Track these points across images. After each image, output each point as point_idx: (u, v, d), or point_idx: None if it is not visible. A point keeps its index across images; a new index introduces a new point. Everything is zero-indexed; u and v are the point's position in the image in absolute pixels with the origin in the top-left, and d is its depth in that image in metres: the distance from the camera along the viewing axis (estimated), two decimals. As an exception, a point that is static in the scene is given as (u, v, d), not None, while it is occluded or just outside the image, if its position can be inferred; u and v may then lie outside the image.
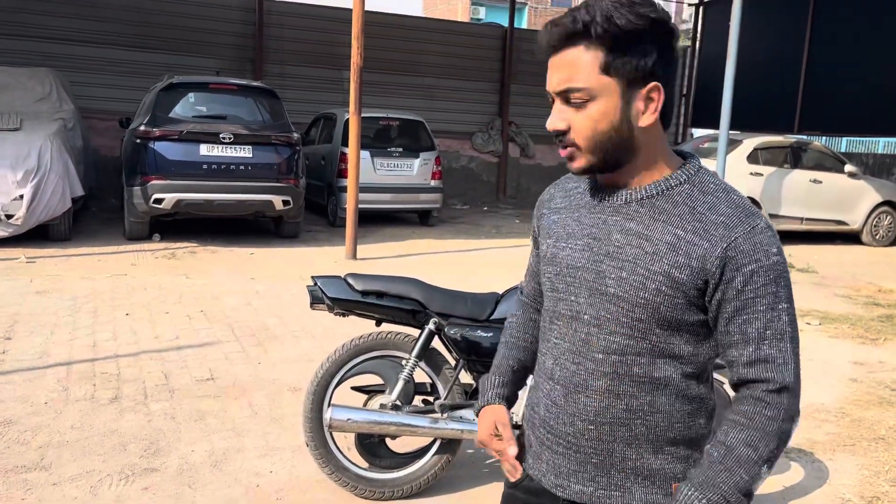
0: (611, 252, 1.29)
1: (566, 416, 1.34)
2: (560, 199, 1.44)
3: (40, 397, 3.94)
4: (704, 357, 1.30)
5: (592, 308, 1.30)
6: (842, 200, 11.34)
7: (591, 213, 1.34)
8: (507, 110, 15.44)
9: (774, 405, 1.23)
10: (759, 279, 1.22)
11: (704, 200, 1.27)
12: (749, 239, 1.22)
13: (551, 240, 1.40)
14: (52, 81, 9.31)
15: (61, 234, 8.10)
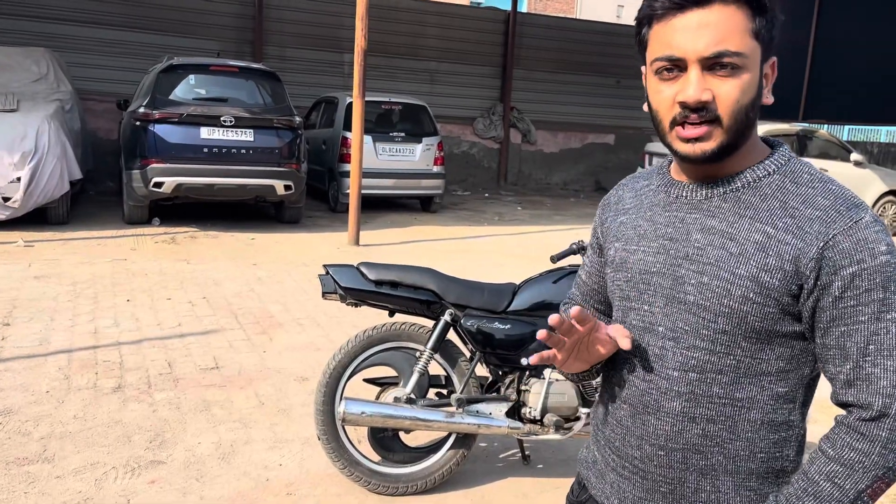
0: (690, 254, 1.14)
1: (633, 438, 1.20)
2: (630, 199, 1.29)
3: (41, 386, 3.85)
4: (798, 375, 1.13)
5: (668, 318, 1.15)
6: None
7: (666, 212, 1.19)
8: (510, 96, 15.30)
9: (870, 437, 1.03)
10: (862, 283, 1.03)
11: (798, 192, 1.10)
12: (850, 235, 1.04)
13: (620, 243, 1.25)
14: (50, 62, 9.14)
15: (59, 218, 7.98)
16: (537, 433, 2.99)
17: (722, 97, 1.07)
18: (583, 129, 16.28)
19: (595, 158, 16.41)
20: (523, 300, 3.00)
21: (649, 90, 1.15)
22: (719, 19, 1.06)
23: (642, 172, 1.34)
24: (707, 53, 1.06)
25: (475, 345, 2.96)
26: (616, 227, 1.29)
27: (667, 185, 1.22)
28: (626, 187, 1.33)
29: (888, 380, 1.03)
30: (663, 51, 1.09)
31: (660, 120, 1.13)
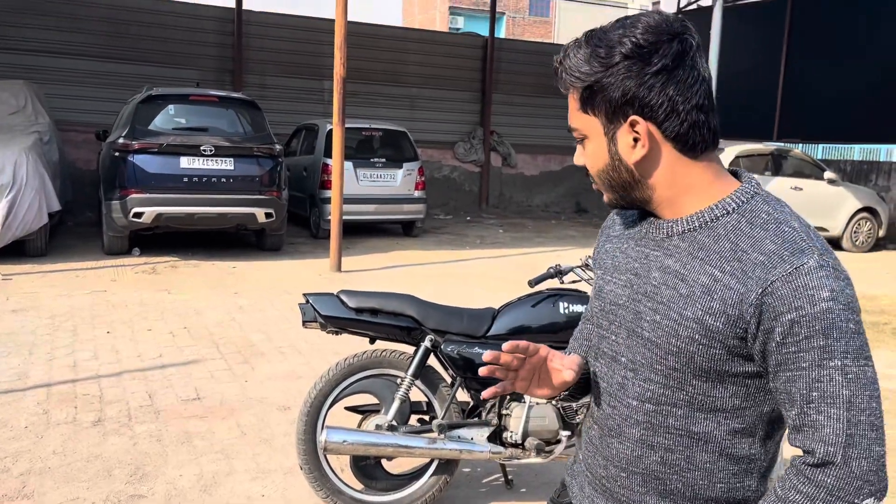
0: (648, 291, 1.18)
1: (601, 458, 1.26)
2: (618, 226, 1.33)
3: (20, 421, 3.81)
4: (757, 412, 1.13)
5: (629, 351, 1.20)
6: (822, 207, 11.44)
7: (637, 246, 1.24)
8: (489, 120, 15.45)
9: (815, 482, 1.03)
10: (801, 330, 1.02)
11: (750, 234, 1.10)
12: (790, 282, 1.03)
13: (601, 271, 1.31)
14: (28, 94, 9.13)
15: (38, 250, 7.92)
16: (519, 457, 3.00)
17: (586, 163, 1.24)
18: (562, 152, 16.44)
19: (575, 180, 16.55)
20: (503, 324, 3.03)
21: None
22: (570, 104, 1.21)
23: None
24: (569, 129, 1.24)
25: (455, 370, 2.98)
26: (602, 253, 1.34)
27: (640, 219, 1.27)
28: (621, 213, 1.35)
29: (831, 427, 1.02)
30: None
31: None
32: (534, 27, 38.55)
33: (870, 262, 10.81)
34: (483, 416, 3.06)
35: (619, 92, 1.11)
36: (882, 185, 13.99)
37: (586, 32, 1.17)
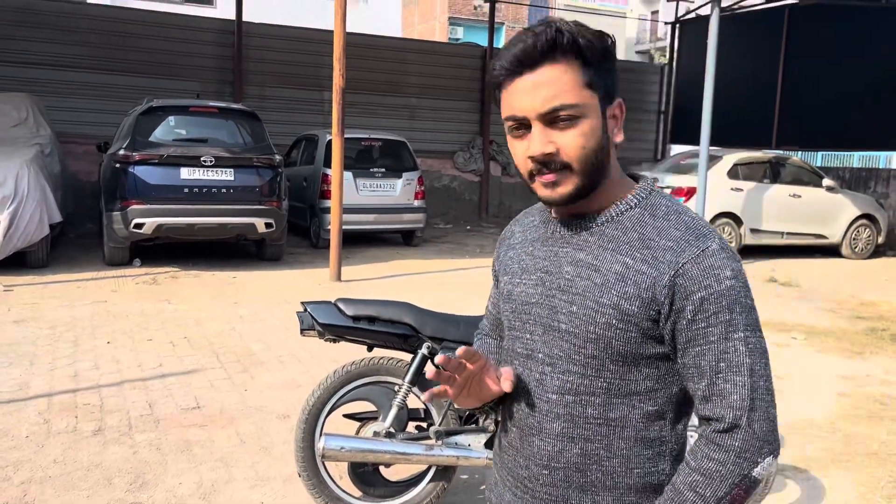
0: (562, 286, 1.23)
1: (522, 458, 1.28)
2: (518, 234, 1.39)
3: (21, 431, 3.83)
4: (667, 394, 1.21)
5: (546, 346, 1.24)
6: (821, 214, 11.47)
7: (544, 246, 1.29)
8: (488, 129, 15.50)
9: (724, 446, 1.12)
10: (710, 306, 1.13)
11: (654, 225, 1.20)
12: (698, 263, 1.14)
13: (507, 276, 1.35)
14: (29, 107, 9.20)
15: (39, 261, 7.96)
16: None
17: (565, 146, 1.17)
18: (562, 161, 16.48)
19: (574, 189, 16.60)
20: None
21: (510, 145, 1.24)
22: (551, 78, 1.15)
23: (531, 209, 1.42)
24: (543, 110, 1.15)
25: (452, 377, 3.00)
26: (506, 260, 1.37)
27: (545, 221, 1.32)
28: (518, 223, 1.42)
29: (738, 394, 1.12)
30: (508, 112, 1.19)
31: (521, 173, 1.23)
32: (533, 37, 38.70)
33: (869, 269, 10.83)
34: (480, 422, 3.08)
35: (615, 74, 1.21)
36: (881, 192, 14.02)
37: (561, 19, 1.19)
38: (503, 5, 28.61)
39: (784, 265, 10.47)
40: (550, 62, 1.15)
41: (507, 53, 1.18)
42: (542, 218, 1.34)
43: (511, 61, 1.17)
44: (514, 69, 1.17)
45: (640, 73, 18.04)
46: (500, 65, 1.19)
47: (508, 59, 1.17)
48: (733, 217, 10.87)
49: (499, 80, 1.20)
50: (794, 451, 4.03)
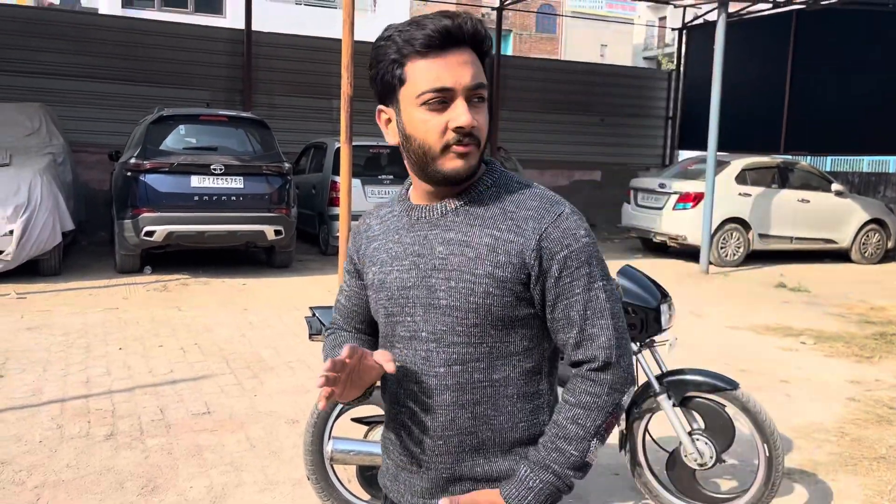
0: (437, 265, 1.31)
1: (415, 437, 1.36)
2: (377, 226, 1.44)
3: (34, 436, 3.88)
4: (541, 350, 1.35)
5: (429, 324, 1.32)
6: (830, 219, 11.43)
7: (411, 233, 1.36)
8: (497, 136, 15.54)
9: (599, 381, 1.29)
10: (572, 263, 1.28)
11: (511, 199, 1.32)
12: (557, 227, 1.28)
13: (376, 267, 1.40)
14: (42, 116, 9.31)
15: (52, 269, 8.05)
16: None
17: (480, 125, 1.27)
18: (570, 167, 16.52)
19: (583, 195, 16.61)
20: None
21: (412, 122, 1.27)
22: (472, 59, 1.26)
23: (383, 204, 1.49)
24: (471, 84, 1.24)
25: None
26: (370, 252, 1.42)
27: (408, 209, 1.38)
28: (372, 216, 1.48)
29: (606, 336, 1.30)
30: (434, 83, 1.23)
31: (429, 146, 1.26)
32: (541, 44, 38.79)
33: (879, 274, 10.79)
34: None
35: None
36: (891, 197, 13.98)
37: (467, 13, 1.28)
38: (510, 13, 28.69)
39: (793, 270, 10.44)
40: (468, 46, 1.25)
41: (428, 28, 1.22)
42: (402, 207, 1.40)
43: (438, 36, 1.22)
44: (440, 45, 1.23)
45: (648, 79, 18.05)
46: (424, 35, 1.22)
47: (435, 32, 1.22)
48: (741, 222, 10.85)
49: (417, 50, 1.23)
50: (802, 455, 4.03)
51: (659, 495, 3.24)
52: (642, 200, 11.51)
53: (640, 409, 3.20)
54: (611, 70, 17.76)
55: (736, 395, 3.11)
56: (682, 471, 3.20)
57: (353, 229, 1.50)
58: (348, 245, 1.51)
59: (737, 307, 7.88)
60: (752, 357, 5.93)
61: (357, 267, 1.47)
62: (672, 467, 3.23)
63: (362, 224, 1.50)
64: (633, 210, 11.72)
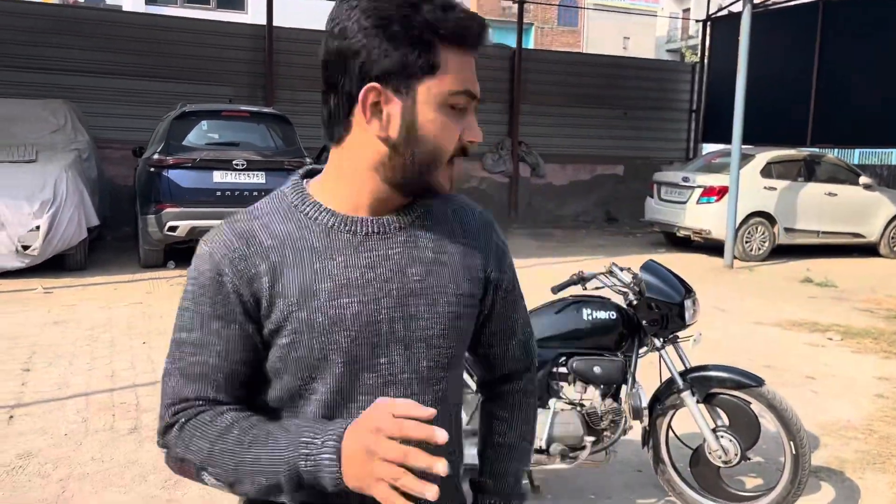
0: (414, 289, 1.08)
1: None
2: (288, 249, 1.06)
3: (60, 429, 3.93)
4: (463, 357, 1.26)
5: (411, 363, 1.09)
6: (858, 213, 11.24)
7: (362, 253, 1.07)
8: (517, 130, 15.48)
9: (533, 392, 1.32)
10: (512, 273, 1.25)
11: (455, 210, 1.18)
12: (498, 237, 1.24)
13: (316, 301, 1.04)
14: (67, 113, 9.41)
15: (77, 264, 8.15)
16: (544, 463, 3.03)
17: None
18: (592, 161, 16.40)
19: (605, 189, 16.50)
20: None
21: (431, 121, 1.03)
22: (472, 66, 1.10)
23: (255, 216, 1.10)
24: (479, 96, 1.10)
25: (480, 377, 3.01)
26: (290, 283, 1.04)
27: (343, 223, 1.08)
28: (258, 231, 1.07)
29: (531, 342, 1.32)
30: (464, 85, 1.05)
31: (440, 155, 1.05)
32: (562, 37, 38.56)
33: (908, 268, 10.59)
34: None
35: None
36: (920, 190, 13.70)
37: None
38: (532, 6, 28.52)
39: (819, 265, 10.28)
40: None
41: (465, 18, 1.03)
42: (329, 221, 1.07)
43: (475, 32, 1.04)
44: (474, 43, 1.06)
45: (671, 71, 17.86)
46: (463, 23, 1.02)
47: (473, 24, 1.04)
48: (767, 216, 10.71)
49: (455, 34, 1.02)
50: (829, 453, 3.97)
51: (682, 493, 3.21)
52: (665, 194, 11.40)
53: (663, 405, 3.17)
54: (633, 63, 17.58)
55: (761, 391, 3.06)
56: (706, 468, 3.16)
57: (218, 247, 1.06)
58: (196, 277, 1.07)
59: (762, 302, 7.78)
60: (777, 353, 5.84)
61: (246, 306, 1.05)
62: (696, 464, 3.19)
63: (235, 242, 1.06)
64: (656, 204, 11.61)
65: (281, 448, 0.99)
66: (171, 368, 1.10)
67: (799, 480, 3.04)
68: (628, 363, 3.07)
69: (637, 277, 3.12)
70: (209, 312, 1.06)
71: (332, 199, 1.09)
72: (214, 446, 1.03)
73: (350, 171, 1.07)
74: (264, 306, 1.05)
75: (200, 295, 1.07)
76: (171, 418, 1.07)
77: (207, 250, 1.07)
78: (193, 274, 1.08)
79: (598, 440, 3.04)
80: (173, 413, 1.07)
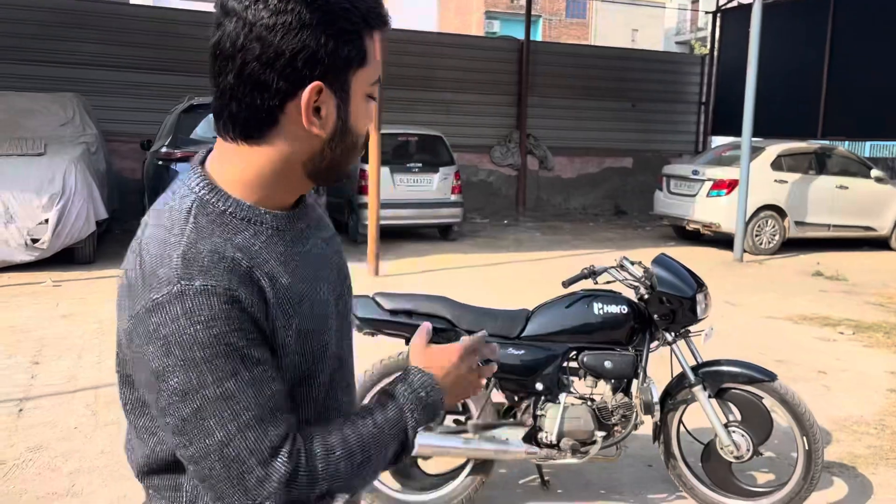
0: (347, 282, 1.17)
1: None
2: (261, 258, 0.98)
3: (70, 422, 3.94)
4: None
5: (350, 347, 1.18)
6: (869, 206, 11.15)
7: (306, 252, 1.06)
8: (525, 123, 15.43)
9: None
10: None
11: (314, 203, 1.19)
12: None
13: (306, 305, 1.01)
14: (76, 106, 9.42)
15: (86, 257, 8.16)
16: (554, 457, 3.01)
17: None
18: (600, 154, 16.34)
19: (613, 182, 16.44)
20: (536, 326, 3.04)
21: (359, 114, 1.01)
22: (377, 49, 1.02)
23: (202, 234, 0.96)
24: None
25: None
26: (286, 294, 0.99)
27: (284, 222, 1.04)
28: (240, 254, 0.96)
29: None
30: (379, 73, 1.02)
31: (359, 148, 1.05)
32: (571, 29, 38.40)
33: (920, 262, 10.51)
34: (518, 416, 3.08)
35: None
36: (932, 183, 13.58)
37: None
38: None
39: (830, 258, 10.21)
40: None
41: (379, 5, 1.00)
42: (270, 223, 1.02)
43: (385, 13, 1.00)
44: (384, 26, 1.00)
45: (681, 64, 17.76)
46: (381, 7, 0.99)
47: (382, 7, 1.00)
48: (777, 209, 10.63)
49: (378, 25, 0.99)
50: (841, 449, 3.93)
51: (693, 488, 3.18)
52: (675, 188, 11.34)
53: (674, 400, 3.14)
54: (642, 55, 17.48)
55: (774, 386, 3.03)
56: (717, 463, 3.14)
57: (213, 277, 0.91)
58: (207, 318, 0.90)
59: (772, 296, 7.73)
60: (788, 347, 5.80)
61: (276, 323, 0.97)
62: (707, 460, 3.17)
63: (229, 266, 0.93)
64: (665, 197, 11.55)
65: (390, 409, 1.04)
66: (239, 427, 0.91)
67: (812, 476, 3.01)
68: (639, 358, 3.05)
69: (648, 271, 3.09)
70: (246, 344, 0.92)
71: (258, 199, 1.01)
72: (349, 459, 0.97)
73: (274, 168, 0.99)
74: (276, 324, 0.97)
75: (225, 332, 0.90)
76: (287, 464, 0.92)
77: (201, 285, 0.90)
78: (199, 316, 0.90)
79: (608, 435, 3.02)
80: (284, 461, 0.92)
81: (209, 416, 0.90)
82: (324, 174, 1.03)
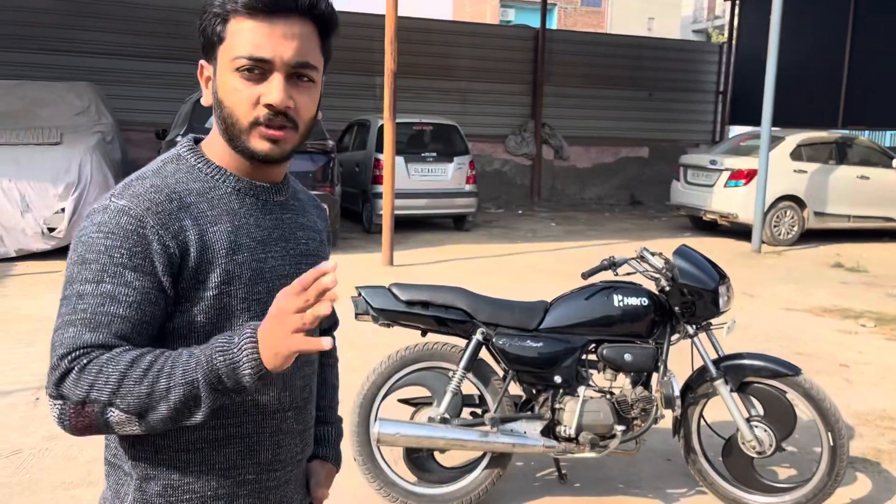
0: (303, 251, 1.25)
1: (296, 435, 1.25)
2: (205, 206, 1.13)
3: (85, 411, 3.94)
4: None
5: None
6: (891, 196, 10.98)
7: (268, 215, 1.20)
8: (541, 112, 15.31)
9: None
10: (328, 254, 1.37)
11: (306, 192, 1.37)
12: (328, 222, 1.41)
13: (240, 255, 1.13)
14: (91, 95, 9.44)
15: (102, 246, 8.18)
16: (573, 451, 2.97)
17: (300, 107, 1.14)
18: (616, 143, 16.20)
19: (629, 172, 16.30)
20: (555, 317, 3.00)
21: (225, 86, 1.13)
22: (303, 34, 1.12)
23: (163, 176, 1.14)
24: (293, 62, 1.11)
25: (507, 363, 2.96)
26: (215, 237, 1.11)
27: (248, 188, 1.19)
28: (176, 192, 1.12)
29: None
30: (249, 50, 1.09)
31: (237, 118, 1.12)
32: (586, 17, 38.06)
33: (942, 254, 10.34)
34: (536, 409, 3.04)
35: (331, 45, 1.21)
36: (955, 173, 13.36)
37: None
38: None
39: (850, 249, 10.07)
40: (302, 18, 1.12)
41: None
42: (236, 185, 1.17)
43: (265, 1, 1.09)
44: (268, 9, 1.09)
45: (697, 52, 17.54)
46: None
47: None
48: (796, 200, 10.49)
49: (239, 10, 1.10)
50: (865, 443, 3.86)
51: (714, 483, 3.14)
52: (692, 178, 11.22)
53: (695, 393, 3.09)
54: (659, 44, 17.27)
55: (798, 380, 2.97)
56: (738, 458, 3.09)
57: (137, 201, 1.07)
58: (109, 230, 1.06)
59: (792, 288, 7.63)
60: (809, 340, 5.72)
61: (171, 258, 1.07)
62: (728, 454, 3.12)
63: (155, 195, 1.09)
64: (682, 188, 11.43)
65: (196, 355, 1.00)
66: (69, 320, 1.04)
67: (836, 472, 2.95)
68: (660, 351, 3.00)
69: (669, 263, 3.04)
70: (124, 263, 1.05)
71: (225, 162, 1.18)
72: (125, 374, 0.99)
73: (217, 134, 1.19)
74: (192, 257, 1.09)
75: (114, 246, 1.05)
76: (69, 364, 1.01)
77: (122, 204, 1.07)
78: (104, 227, 1.06)
79: (628, 429, 2.98)
80: (71, 359, 1.01)
81: (63, 304, 1.06)
82: (234, 147, 1.15)
